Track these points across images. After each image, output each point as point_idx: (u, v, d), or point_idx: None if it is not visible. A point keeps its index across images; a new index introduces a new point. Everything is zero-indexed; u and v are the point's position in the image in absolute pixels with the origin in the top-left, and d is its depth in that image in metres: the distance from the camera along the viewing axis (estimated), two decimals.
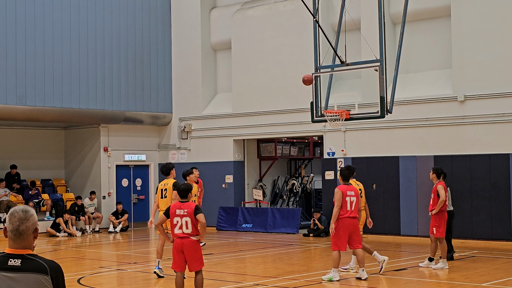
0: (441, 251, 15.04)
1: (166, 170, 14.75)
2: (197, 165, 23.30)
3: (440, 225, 14.97)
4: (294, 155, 27.94)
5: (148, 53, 27.09)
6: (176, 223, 10.46)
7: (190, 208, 10.43)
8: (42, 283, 4.39)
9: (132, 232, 25.96)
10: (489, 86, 19.88)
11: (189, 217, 10.38)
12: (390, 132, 21.78)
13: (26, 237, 4.48)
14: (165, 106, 27.60)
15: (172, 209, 10.54)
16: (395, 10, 21.55)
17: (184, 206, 10.48)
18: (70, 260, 18.12)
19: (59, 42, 24.42)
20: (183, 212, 10.42)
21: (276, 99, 24.41)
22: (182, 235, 10.45)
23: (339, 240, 13.32)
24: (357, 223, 13.58)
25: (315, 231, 22.78)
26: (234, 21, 25.84)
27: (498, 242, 19.39)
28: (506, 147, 19.54)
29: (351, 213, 13.37)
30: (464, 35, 20.37)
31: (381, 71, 16.89)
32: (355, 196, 13.51)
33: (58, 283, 4.46)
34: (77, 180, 27.60)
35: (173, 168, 14.87)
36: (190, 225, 10.40)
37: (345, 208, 13.31)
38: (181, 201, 10.59)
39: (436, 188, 15.13)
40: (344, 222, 13.31)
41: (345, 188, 13.47)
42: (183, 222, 10.41)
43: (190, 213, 10.39)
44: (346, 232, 13.32)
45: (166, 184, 14.48)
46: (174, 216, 10.48)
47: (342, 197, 13.31)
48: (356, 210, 13.52)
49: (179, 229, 10.45)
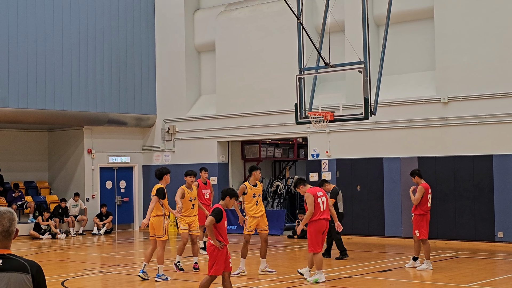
0: (424, 252, 15.09)
1: (159, 174, 14.46)
2: (181, 167, 23.30)
3: (422, 226, 15.04)
4: (278, 157, 27.95)
5: (132, 54, 27.02)
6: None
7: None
8: (23, 282, 4.39)
9: (116, 234, 25.88)
10: (472, 87, 19.97)
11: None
12: (374, 134, 21.83)
13: (12, 238, 4.51)
14: (149, 108, 27.54)
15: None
16: (378, 12, 21.61)
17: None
18: (54, 263, 18.03)
19: (42, 43, 24.30)
20: None
21: (260, 100, 24.41)
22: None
23: (316, 241, 13.38)
24: (328, 224, 13.64)
25: None
26: (218, 22, 25.82)
27: (482, 243, 19.48)
28: (489, 148, 19.64)
29: (324, 214, 13.46)
30: (448, 37, 20.47)
31: (365, 72, 16.92)
32: (324, 195, 13.64)
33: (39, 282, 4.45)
34: (60, 182, 27.47)
35: (168, 173, 14.49)
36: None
37: (318, 210, 13.39)
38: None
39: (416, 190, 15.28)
40: (318, 223, 13.38)
41: (314, 190, 13.56)
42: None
43: None
44: (320, 234, 13.43)
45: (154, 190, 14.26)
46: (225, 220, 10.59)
47: (314, 199, 13.39)
48: (328, 211, 13.58)
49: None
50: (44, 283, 4.47)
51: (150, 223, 14.12)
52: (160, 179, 14.38)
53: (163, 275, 14.06)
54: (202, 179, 18.89)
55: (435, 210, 20.33)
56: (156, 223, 14.03)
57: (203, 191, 18.78)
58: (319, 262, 13.38)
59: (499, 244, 19.25)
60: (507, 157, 19.30)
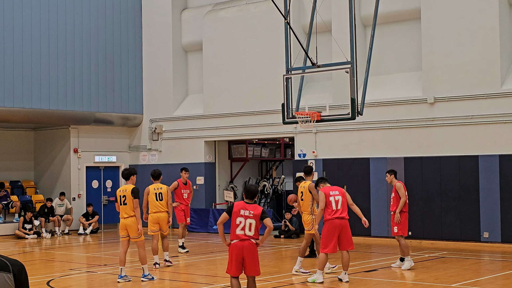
0: (402, 249, 15.18)
1: (126, 174, 14.17)
2: (168, 167, 23.28)
3: (400, 223, 15.15)
4: (265, 157, 27.95)
5: (118, 54, 26.95)
6: (238, 224, 9.92)
7: (257, 210, 9.92)
8: (5, 281, 4.34)
9: (102, 234, 25.80)
10: (458, 88, 20.05)
11: (255, 220, 9.88)
12: (361, 134, 21.87)
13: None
14: (136, 107, 27.48)
15: (235, 207, 9.98)
16: (365, 12, 21.65)
17: (250, 208, 9.96)
18: (39, 262, 17.96)
19: (29, 42, 24.20)
20: (249, 214, 9.89)
21: (247, 100, 24.41)
22: (244, 237, 9.93)
23: (325, 241, 13.26)
24: (347, 223, 13.46)
25: (286, 233, 22.81)
26: (205, 22, 25.79)
27: (467, 243, 19.56)
28: (475, 148, 19.72)
29: (338, 213, 13.28)
30: (434, 38, 20.54)
31: (352, 73, 16.95)
32: (340, 194, 13.45)
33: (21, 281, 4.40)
34: (46, 181, 27.36)
35: (135, 174, 14.27)
36: (253, 227, 9.89)
37: (330, 208, 13.27)
38: (246, 202, 10.05)
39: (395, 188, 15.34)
40: (331, 223, 13.25)
41: (328, 189, 13.46)
42: (246, 223, 9.88)
43: (256, 215, 9.87)
44: (333, 233, 13.26)
45: (125, 191, 13.91)
46: (238, 216, 9.93)
47: (325, 197, 13.28)
48: (344, 209, 13.42)
49: (241, 230, 9.92)
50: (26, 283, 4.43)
51: (122, 224, 13.88)
52: (127, 179, 14.10)
53: (149, 274, 13.96)
54: (182, 179, 19.04)
55: (421, 210, 20.43)
56: (131, 224, 13.78)
57: (182, 191, 18.92)
58: (322, 262, 13.29)
59: (485, 244, 19.34)
60: (492, 157, 19.39)
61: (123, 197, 13.86)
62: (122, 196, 13.90)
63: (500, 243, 19.23)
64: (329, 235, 13.20)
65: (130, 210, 13.78)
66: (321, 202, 13.30)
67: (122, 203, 13.87)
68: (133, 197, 13.74)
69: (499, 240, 19.28)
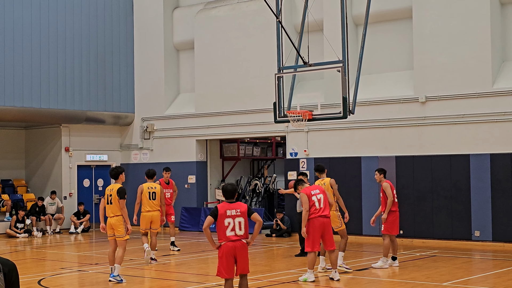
0: (383, 248, 15.23)
1: (114, 174, 14.05)
2: (159, 165, 23.22)
3: (388, 221, 15.18)
4: (257, 156, 27.96)
5: (110, 52, 26.90)
6: (227, 225, 9.65)
7: (242, 207, 9.73)
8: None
9: (93, 232, 25.75)
10: (450, 87, 20.10)
11: (243, 217, 9.68)
12: (353, 133, 21.90)
13: None
14: (127, 106, 27.43)
15: (220, 210, 9.67)
16: (357, 11, 21.67)
17: (235, 206, 9.72)
18: (31, 261, 17.92)
19: (20, 40, 24.13)
20: (236, 212, 9.67)
21: (239, 99, 24.41)
22: (235, 237, 9.66)
23: (311, 239, 13.30)
24: (330, 222, 13.48)
25: (277, 232, 22.83)
26: (197, 21, 25.77)
27: (459, 242, 19.61)
28: (466, 147, 19.78)
29: (321, 211, 13.32)
30: (426, 37, 20.58)
31: (343, 72, 16.97)
32: (321, 193, 13.47)
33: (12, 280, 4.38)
34: (37, 180, 27.30)
35: (123, 172, 14.14)
36: (243, 226, 9.67)
37: (313, 207, 13.30)
38: (229, 202, 9.79)
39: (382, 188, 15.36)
40: (315, 221, 13.29)
41: (308, 189, 13.48)
42: (236, 223, 9.64)
43: (243, 212, 9.68)
44: (317, 232, 13.31)
45: (112, 190, 13.80)
46: (225, 217, 9.66)
47: (308, 198, 13.30)
48: (327, 208, 13.44)
49: (232, 231, 9.65)
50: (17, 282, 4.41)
51: (109, 223, 13.77)
52: (116, 178, 14.04)
53: (118, 276, 13.64)
54: (164, 178, 19.02)
55: (412, 209, 20.47)
56: (116, 223, 13.67)
57: (165, 191, 18.84)
58: (311, 261, 13.32)
59: (476, 242, 19.40)
60: (483, 156, 19.45)
61: (110, 196, 13.77)
62: (109, 195, 13.82)
63: (491, 241, 19.29)
64: (314, 233, 13.25)
65: (115, 209, 13.69)
66: (304, 204, 13.28)
67: (109, 202, 13.79)
68: (119, 198, 13.60)
69: (490, 239, 19.34)
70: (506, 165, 19.16)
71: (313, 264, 13.36)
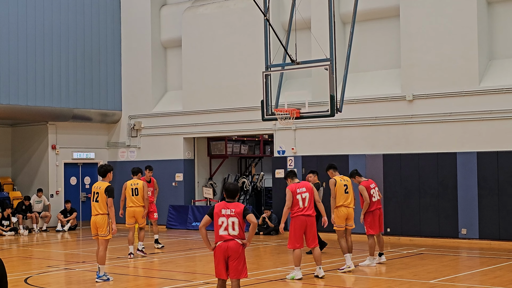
0: (369, 248, 15.30)
1: (103, 171, 13.97)
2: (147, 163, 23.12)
3: (366, 221, 15.27)
4: (244, 153, 27.95)
5: (97, 50, 26.81)
6: (221, 224, 9.46)
7: (238, 208, 9.48)
8: None
9: (80, 231, 25.68)
10: (437, 85, 20.16)
11: (237, 217, 9.43)
12: (340, 131, 21.93)
13: None
14: (115, 104, 27.35)
15: (216, 208, 9.50)
16: (345, 9, 21.69)
17: (231, 206, 9.50)
18: (17, 260, 17.85)
19: (6, 38, 24.00)
20: (230, 212, 9.44)
21: (227, 97, 24.39)
22: (228, 237, 9.47)
23: (294, 237, 13.34)
24: (313, 220, 13.53)
25: (265, 229, 22.83)
26: (184, 18, 25.73)
27: (446, 240, 19.68)
28: (453, 146, 19.85)
29: (304, 210, 13.35)
30: (413, 35, 20.63)
31: (331, 70, 16.98)
32: (307, 191, 13.48)
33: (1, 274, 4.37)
34: (24, 178, 27.17)
35: (111, 171, 14.07)
36: (237, 226, 9.45)
37: (297, 205, 13.33)
38: (227, 201, 9.58)
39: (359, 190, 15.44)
40: (297, 219, 13.33)
41: (294, 186, 13.49)
42: (229, 222, 9.43)
43: (238, 213, 9.43)
44: (299, 230, 13.33)
45: (99, 188, 13.69)
46: (219, 216, 9.49)
47: (292, 195, 13.34)
48: (311, 207, 13.45)
49: (225, 231, 9.47)
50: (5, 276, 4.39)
51: (93, 221, 13.65)
52: (104, 176, 13.91)
53: (104, 275, 13.55)
54: (146, 177, 18.98)
55: (399, 206, 20.52)
56: (100, 222, 13.54)
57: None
58: (297, 258, 13.34)
59: (463, 240, 19.48)
60: (470, 154, 19.52)
61: (96, 194, 13.65)
62: (95, 193, 13.69)
63: (478, 239, 19.37)
64: (296, 231, 13.30)
65: (101, 207, 13.57)
66: (287, 201, 13.34)
67: (94, 200, 13.65)
68: (107, 196, 13.48)
69: (477, 236, 19.42)
70: (492, 163, 19.24)
71: (299, 261, 13.39)
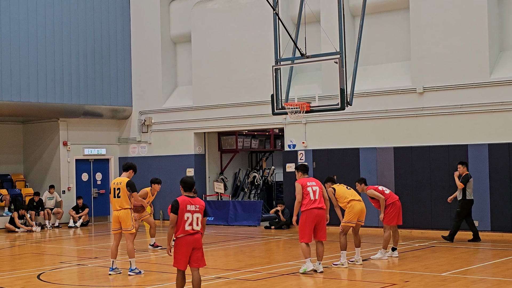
0: (383, 240, 15.26)
1: (127, 167, 14.01)
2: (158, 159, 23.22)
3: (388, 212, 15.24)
4: (255, 148, 27.95)
5: (107, 46, 26.85)
6: (186, 219, 9.89)
7: (201, 204, 10.05)
8: None
9: (92, 226, 25.77)
10: (447, 77, 20.09)
11: (200, 213, 9.96)
12: (350, 124, 21.89)
13: None
14: (125, 100, 27.40)
15: (181, 204, 9.91)
16: (354, 2, 21.64)
17: (195, 202, 10.00)
18: (30, 256, 17.92)
19: (17, 35, 24.07)
20: (195, 208, 9.94)
21: (237, 91, 24.39)
22: (192, 231, 9.90)
23: (303, 231, 13.34)
24: (324, 214, 13.54)
25: (276, 224, 22.84)
26: (193, 13, 25.72)
27: (457, 232, 19.60)
28: (464, 138, 19.79)
29: (316, 203, 13.34)
30: (423, 27, 20.55)
31: (341, 63, 16.94)
32: (317, 186, 13.50)
33: None
34: (36, 175, 27.28)
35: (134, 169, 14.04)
36: (200, 221, 9.96)
37: (307, 197, 13.32)
38: (189, 196, 10.06)
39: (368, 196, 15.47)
40: (310, 213, 13.32)
41: (304, 180, 13.50)
42: (194, 218, 9.91)
43: (201, 208, 9.99)
44: (310, 223, 13.32)
45: (119, 184, 13.76)
46: (185, 212, 9.90)
47: (302, 189, 13.34)
48: (322, 200, 13.47)
49: (189, 226, 9.89)
50: None
51: (115, 216, 13.73)
52: (126, 171, 13.97)
53: (136, 268, 13.74)
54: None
55: (410, 199, 20.49)
56: (124, 216, 13.66)
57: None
58: (305, 251, 13.36)
59: None
60: (482, 146, 19.46)
61: (117, 189, 13.73)
62: (116, 188, 13.77)
63: (490, 231, 19.32)
64: (306, 224, 13.29)
65: (123, 203, 13.67)
66: (297, 195, 13.33)
67: (116, 195, 13.74)
68: (131, 191, 13.65)
69: (489, 228, 19.37)
70: (504, 155, 19.17)
71: (309, 253, 13.40)
